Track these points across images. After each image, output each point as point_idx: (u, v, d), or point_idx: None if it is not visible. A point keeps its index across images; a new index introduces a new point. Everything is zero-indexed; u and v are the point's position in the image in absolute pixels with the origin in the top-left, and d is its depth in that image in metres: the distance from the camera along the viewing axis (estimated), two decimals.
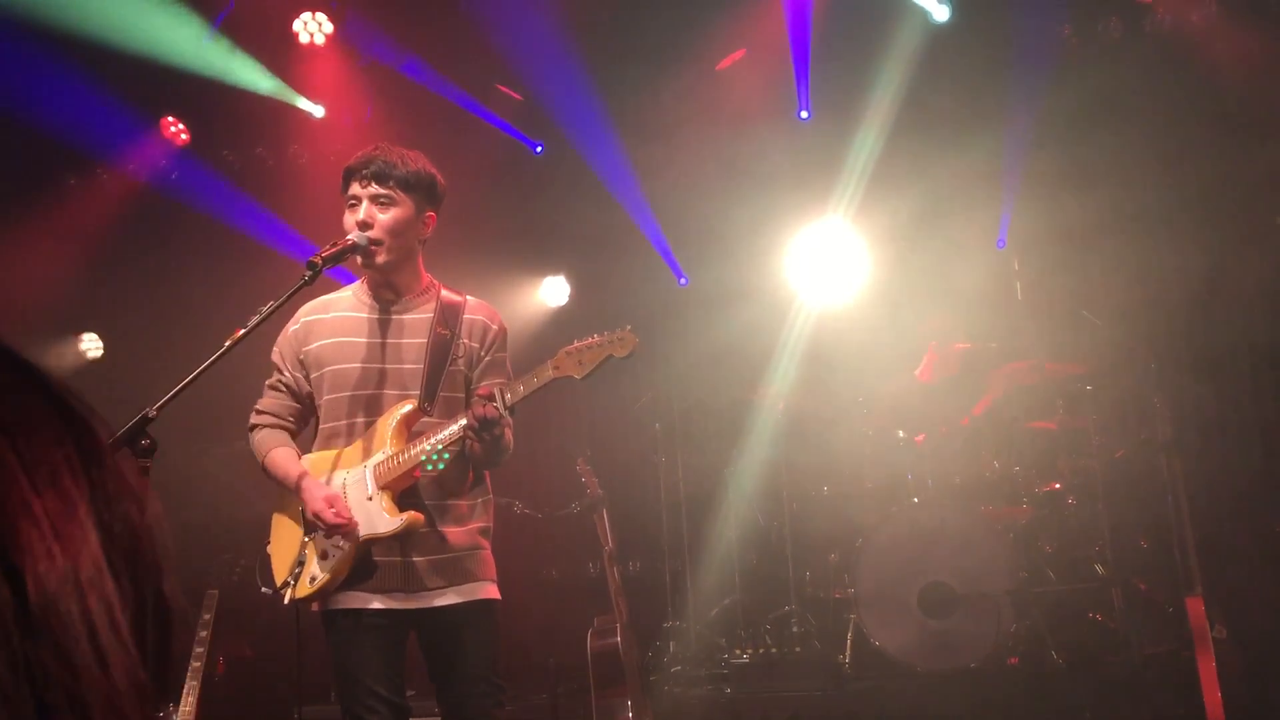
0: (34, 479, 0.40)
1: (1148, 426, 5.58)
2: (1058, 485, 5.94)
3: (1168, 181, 6.70)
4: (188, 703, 4.15)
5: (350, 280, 3.40)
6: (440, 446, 3.01)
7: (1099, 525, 5.74)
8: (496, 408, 2.92)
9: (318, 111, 7.67)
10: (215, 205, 7.65)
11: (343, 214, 3.19)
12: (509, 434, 3.08)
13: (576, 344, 3.05)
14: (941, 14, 7.07)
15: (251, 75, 7.29)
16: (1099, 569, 5.78)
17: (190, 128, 7.78)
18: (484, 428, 2.93)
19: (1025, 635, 5.45)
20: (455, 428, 2.98)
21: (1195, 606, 4.45)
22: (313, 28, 7.27)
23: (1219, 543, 5.78)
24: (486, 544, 3.18)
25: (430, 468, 3.05)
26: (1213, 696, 4.32)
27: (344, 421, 3.12)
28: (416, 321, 3.18)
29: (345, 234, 3.12)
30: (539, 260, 8.07)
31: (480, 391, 3.03)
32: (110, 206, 7.83)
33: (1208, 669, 4.32)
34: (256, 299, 2.93)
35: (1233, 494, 6.34)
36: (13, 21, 6.23)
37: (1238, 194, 6.77)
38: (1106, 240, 6.86)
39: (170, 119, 7.71)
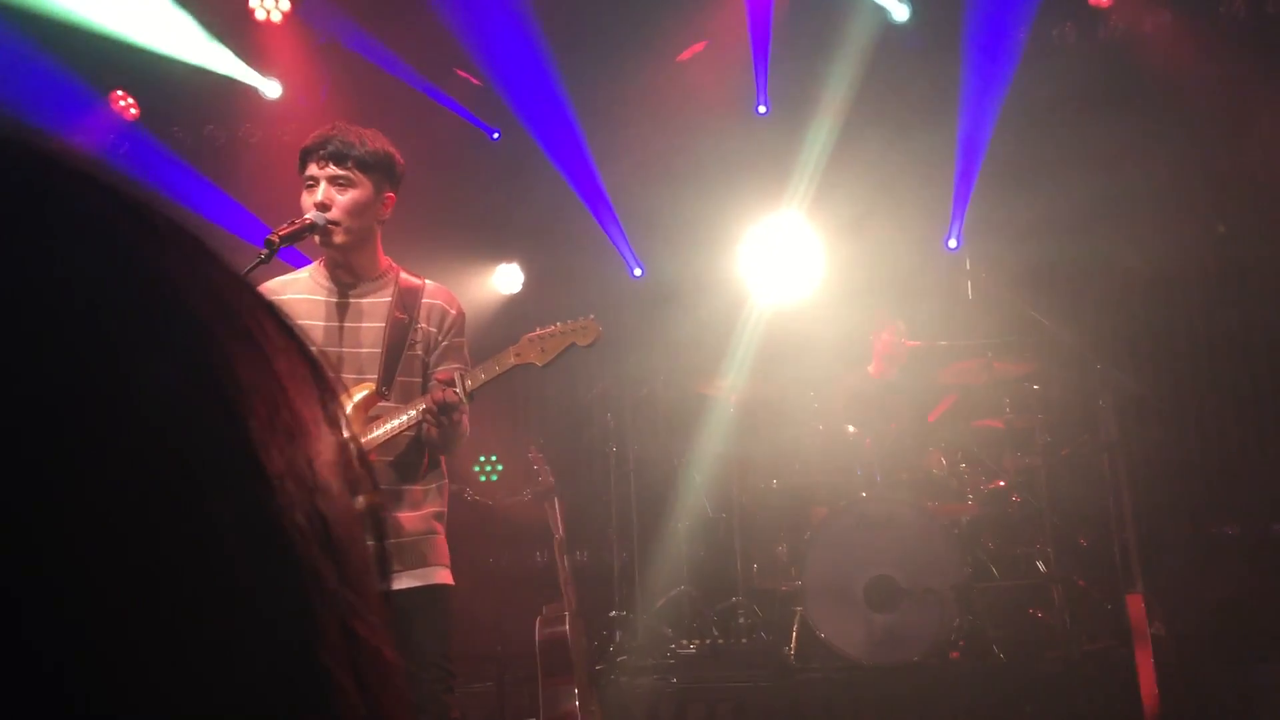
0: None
1: (1091, 426, 5.69)
2: (1002, 483, 6.02)
3: (1116, 183, 6.81)
4: None
5: (303, 262, 3.36)
6: (398, 430, 2.98)
7: (1042, 523, 5.83)
8: (456, 392, 2.91)
9: (272, 90, 7.57)
10: (165, 183, 7.52)
11: (298, 195, 3.15)
12: (466, 420, 3.07)
13: (539, 331, 3.04)
14: (901, 13, 7.13)
15: (204, 50, 7.17)
16: (1040, 566, 5.87)
17: (140, 102, 7.63)
18: (443, 412, 2.91)
19: (968, 630, 5.53)
20: (414, 412, 2.96)
21: (1135, 603, 4.55)
22: (269, 4, 7.17)
23: (1159, 541, 5.90)
24: (441, 529, 3.16)
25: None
26: (1150, 691, 4.41)
27: None
28: (374, 305, 3.15)
29: (303, 214, 3.08)
30: (493, 247, 8.04)
31: (440, 376, 3.01)
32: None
33: (1145, 665, 4.41)
34: None
35: (1173, 493, 6.48)
36: None
37: (1182, 197, 6.90)
38: (1055, 240, 6.96)
39: (120, 93, 7.56)
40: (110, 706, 0.34)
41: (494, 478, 2.81)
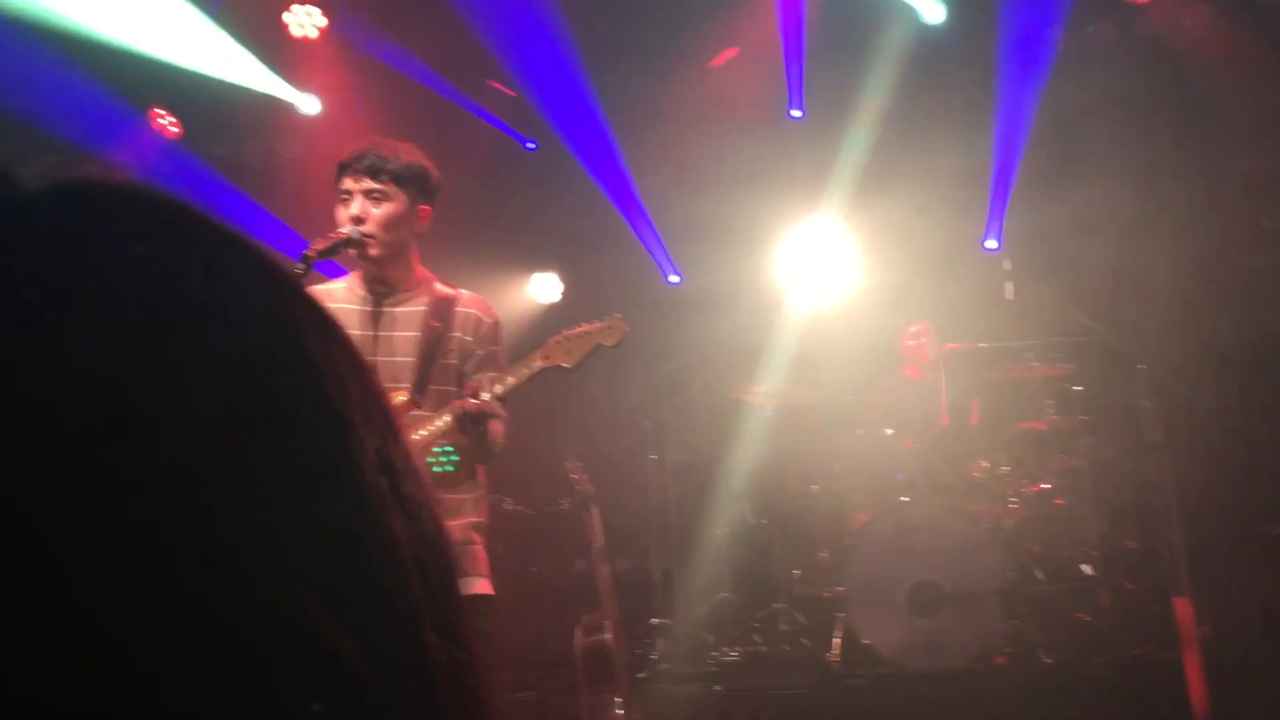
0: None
1: (1137, 428, 5.61)
2: (1047, 485, 5.96)
3: (1158, 182, 6.72)
4: None
5: (341, 274, 3.39)
6: (431, 439, 3.00)
7: (1087, 526, 5.76)
8: (476, 401, 2.91)
9: (310, 106, 7.64)
10: (205, 199, 7.58)
11: (334, 209, 3.18)
12: (497, 427, 3.07)
13: (565, 333, 3.05)
14: (935, 14, 7.08)
15: (243, 68, 7.26)
16: (1087, 569, 5.79)
17: (180, 120, 7.73)
18: (467, 421, 2.92)
19: (1013, 635, 5.47)
20: (441, 422, 2.98)
21: (1183, 606, 4.48)
22: (305, 21, 7.24)
23: (1207, 543, 5.80)
24: (480, 539, 3.17)
25: (439, 469, 3.04)
26: (1199, 696, 4.34)
27: None
28: (409, 314, 3.17)
29: (338, 228, 3.11)
30: (530, 257, 8.06)
31: (468, 386, 3.02)
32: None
33: (1194, 669, 4.34)
34: None
35: (1221, 495, 6.37)
36: (1, 14, 6.19)
37: (1227, 195, 6.80)
38: (1097, 241, 6.88)
39: (160, 111, 7.67)
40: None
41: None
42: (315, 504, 0.42)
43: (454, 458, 3.04)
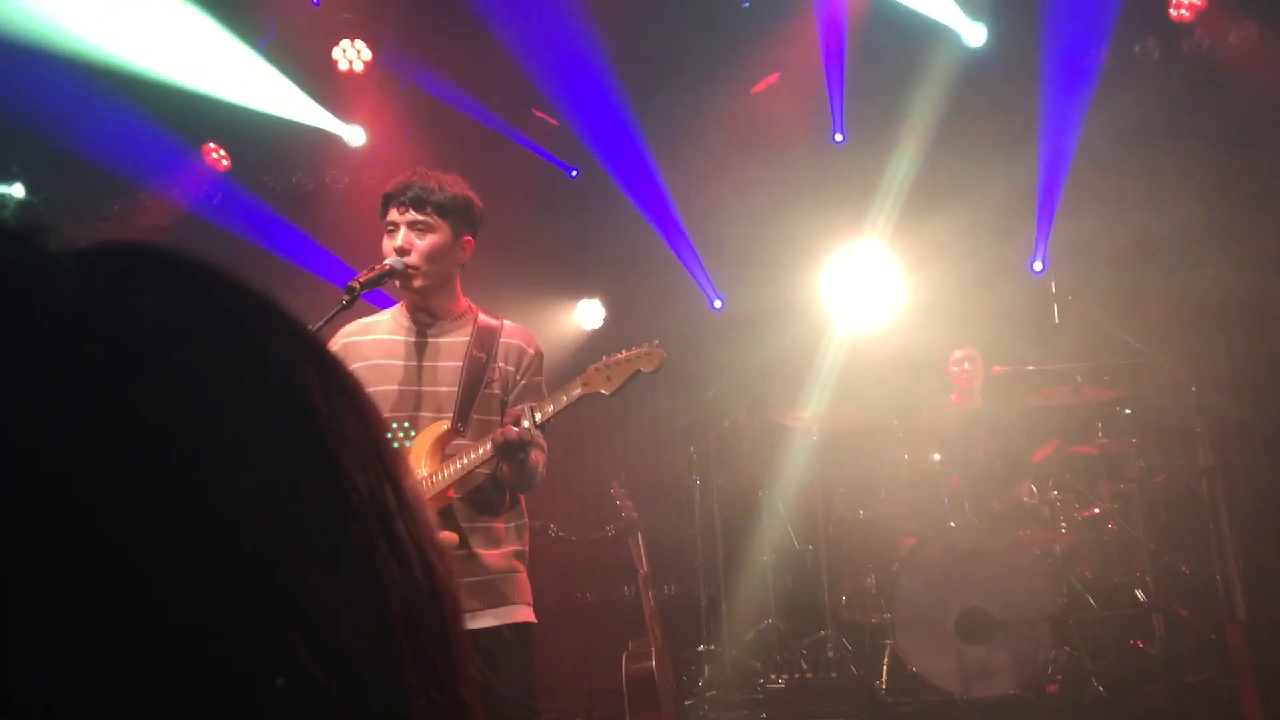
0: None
1: (1188, 451, 5.53)
2: (1097, 510, 5.88)
3: (1205, 203, 6.64)
4: None
5: (389, 304, 3.43)
6: (472, 468, 3.02)
7: (1139, 551, 5.67)
8: (517, 430, 2.93)
9: (357, 138, 7.77)
10: (256, 231, 7.75)
11: (381, 239, 3.23)
12: (538, 456, 3.09)
13: (605, 360, 3.07)
14: (977, 37, 7.07)
15: (291, 102, 7.40)
16: (1140, 595, 5.70)
17: (231, 154, 7.89)
18: (507, 449, 2.94)
19: (1065, 662, 5.39)
20: (482, 450, 3.00)
21: (1237, 633, 4.39)
22: (351, 55, 7.37)
23: (1262, 568, 5.69)
24: (522, 567, 3.19)
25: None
26: None
27: None
28: (452, 344, 3.21)
29: (383, 259, 3.16)
30: (574, 283, 8.12)
31: (508, 414, 3.04)
32: (153, 233, 7.95)
33: (1249, 696, 4.25)
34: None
35: (1275, 519, 6.25)
36: (57, 54, 6.36)
37: (1275, 215, 6.70)
38: (1144, 262, 6.81)
39: (212, 145, 7.83)
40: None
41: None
42: (293, 540, 0.44)
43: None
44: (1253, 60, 6.79)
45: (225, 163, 7.90)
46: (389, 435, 0.54)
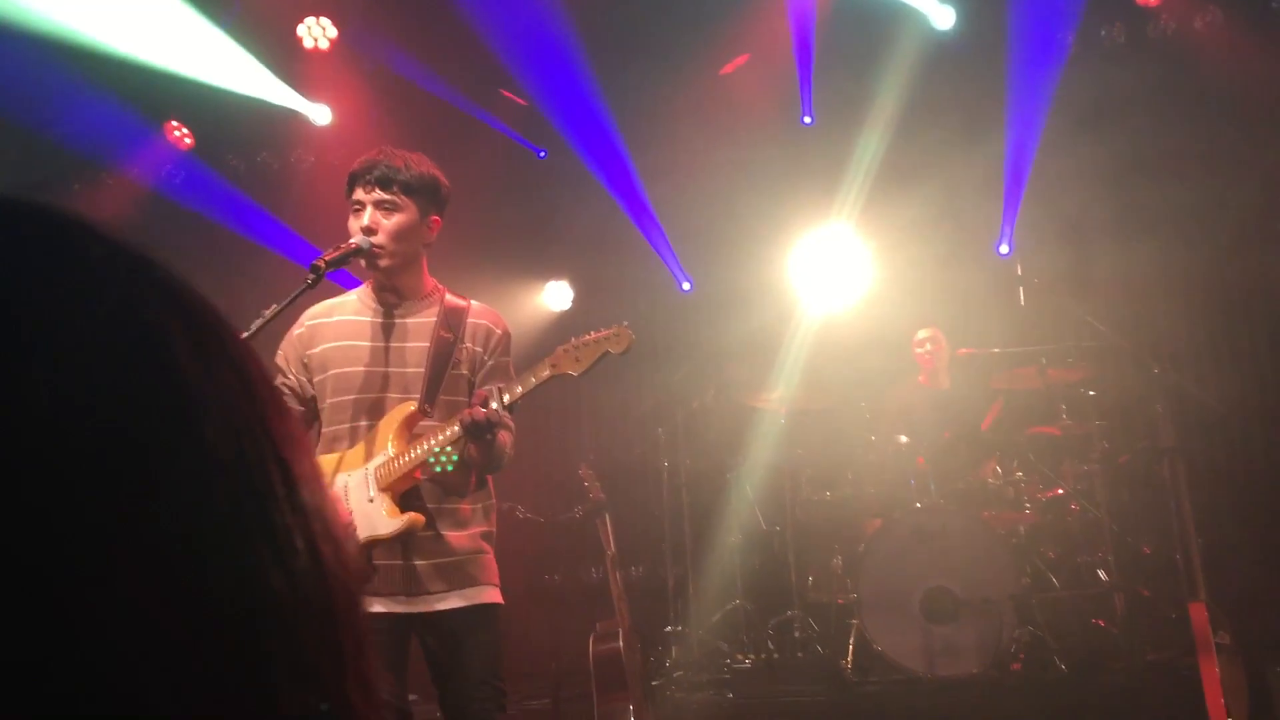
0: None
1: (1151, 432, 5.58)
2: (1060, 491, 5.94)
3: (1171, 185, 6.70)
4: None
5: (353, 284, 3.40)
6: (439, 449, 3.01)
7: (1102, 531, 5.73)
8: (485, 411, 2.92)
9: (323, 116, 7.69)
10: (219, 210, 7.67)
11: (347, 218, 3.20)
12: (505, 437, 3.08)
13: (573, 341, 3.06)
14: (945, 20, 7.08)
15: (256, 79, 7.31)
16: (1102, 575, 5.77)
17: (194, 132, 7.79)
18: (474, 430, 2.93)
19: (1028, 641, 5.45)
20: (450, 431, 2.99)
21: (1199, 612, 4.45)
22: (316, 32, 7.29)
23: (1223, 548, 5.77)
24: (489, 548, 3.18)
25: (439, 469, 3.05)
26: (1215, 702, 4.31)
27: (346, 425, 3.12)
28: (419, 325, 3.19)
29: (349, 238, 3.13)
30: (542, 265, 8.09)
31: (476, 395, 3.03)
32: (115, 211, 7.84)
33: (1210, 675, 4.31)
34: (260, 302, 2.93)
35: (1236, 499, 6.34)
36: (17, 30, 6.25)
37: (1240, 197, 6.77)
38: (1109, 245, 6.86)
39: (175, 123, 7.73)
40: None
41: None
42: (146, 511, 0.42)
43: (454, 458, 3.04)
44: (1217, 45, 6.85)
45: (188, 141, 7.80)
46: (288, 419, 0.50)
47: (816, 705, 5.51)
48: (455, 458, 3.04)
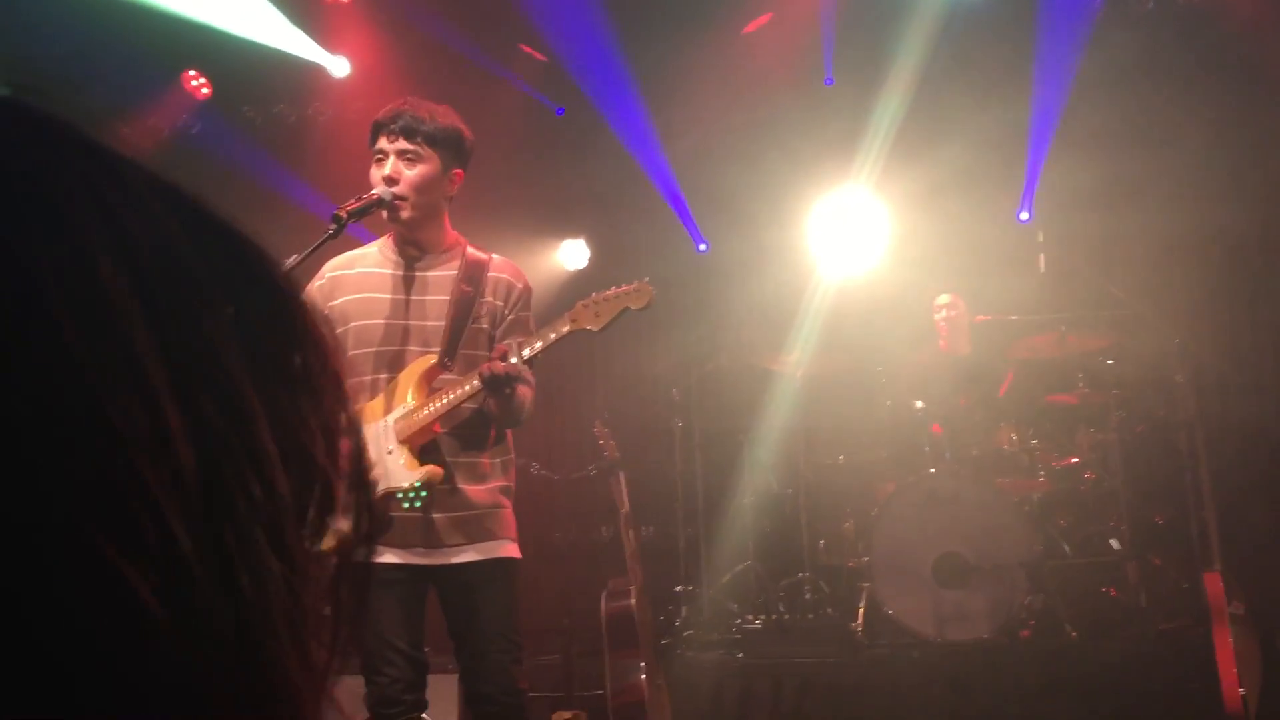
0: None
1: (1169, 402, 5.55)
2: (1076, 459, 5.92)
3: (1196, 152, 6.61)
4: None
5: (372, 239, 3.39)
6: (459, 401, 3.00)
7: (1116, 500, 5.72)
8: (504, 365, 2.91)
9: (340, 68, 7.62)
10: (236, 160, 7.62)
11: (365, 173, 3.18)
12: (524, 391, 3.07)
13: (594, 296, 3.05)
14: None
15: (274, 29, 7.25)
16: (1115, 544, 5.76)
17: (212, 82, 7.73)
18: (493, 383, 2.92)
19: (1039, 608, 5.45)
20: (470, 385, 2.98)
21: (1213, 581, 4.44)
22: None
23: (1238, 518, 5.75)
24: (508, 503, 3.18)
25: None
26: (1228, 671, 4.31)
27: (368, 377, 3.11)
28: (440, 278, 3.17)
29: (371, 189, 3.11)
30: (559, 223, 8.04)
31: (496, 349, 3.02)
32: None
33: (1223, 644, 4.31)
34: (279, 254, 2.91)
35: (1253, 469, 6.31)
36: None
37: (1268, 164, 6.69)
38: (1131, 212, 6.79)
39: (192, 72, 7.67)
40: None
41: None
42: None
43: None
44: (1245, 7, 6.73)
45: (205, 91, 7.75)
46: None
47: (826, 667, 5.53)
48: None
